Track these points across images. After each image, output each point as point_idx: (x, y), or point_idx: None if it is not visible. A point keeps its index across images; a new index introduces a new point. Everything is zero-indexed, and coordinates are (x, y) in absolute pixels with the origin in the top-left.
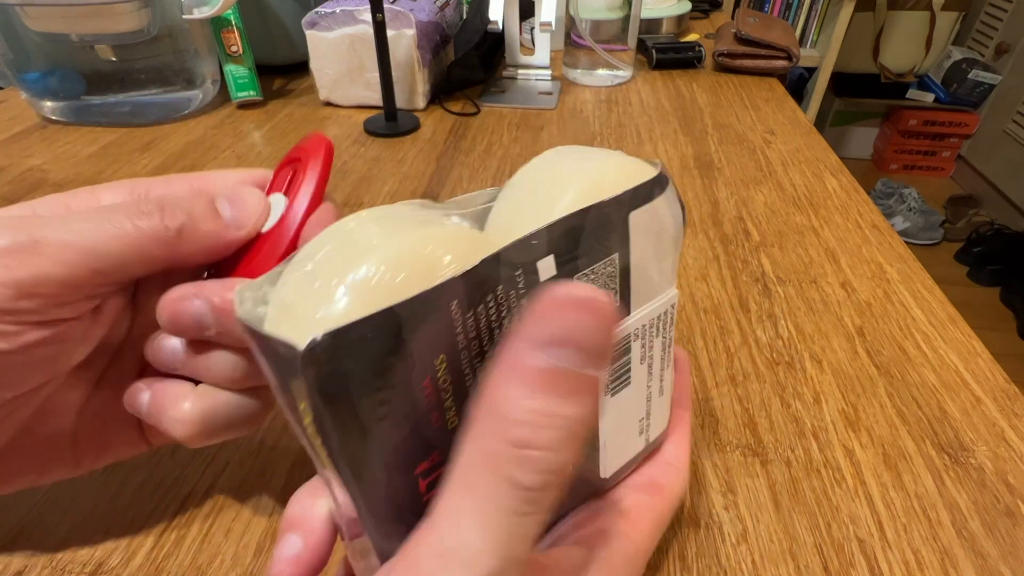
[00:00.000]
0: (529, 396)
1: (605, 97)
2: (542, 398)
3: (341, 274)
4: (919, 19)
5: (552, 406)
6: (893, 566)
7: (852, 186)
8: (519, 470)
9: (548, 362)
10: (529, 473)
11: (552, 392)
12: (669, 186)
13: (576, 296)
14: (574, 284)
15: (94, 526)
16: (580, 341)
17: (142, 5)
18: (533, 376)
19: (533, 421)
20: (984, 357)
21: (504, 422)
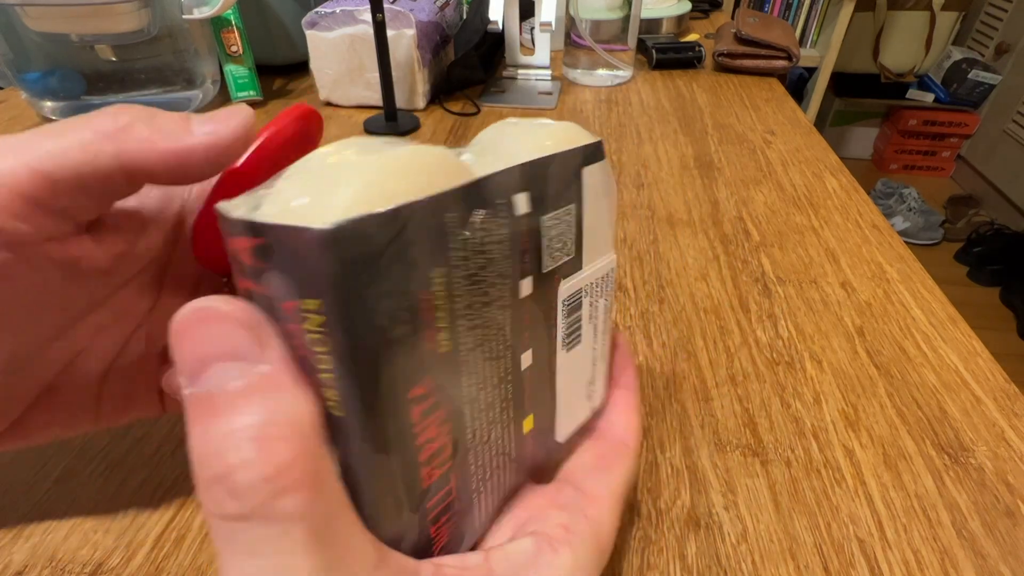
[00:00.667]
0: (207, 427)
1: (605, 97)
2: (219, 422)
3: (343, 179)
4: (919, 19)
5: (231, 423)
6: (893, 566)
7: (852, 186)
8: (225, 502)
9: (198, 391)
10: (236, 499)
11: (224, 411)
12: (606, 157)
13: (182, 318)
14: (185, 306)
15: (94, 526)
16: (217, 351)
17: (142, 5)
18: (201, 405)
19: (215, 450)
20: (984, 357)
21: (197, 465)
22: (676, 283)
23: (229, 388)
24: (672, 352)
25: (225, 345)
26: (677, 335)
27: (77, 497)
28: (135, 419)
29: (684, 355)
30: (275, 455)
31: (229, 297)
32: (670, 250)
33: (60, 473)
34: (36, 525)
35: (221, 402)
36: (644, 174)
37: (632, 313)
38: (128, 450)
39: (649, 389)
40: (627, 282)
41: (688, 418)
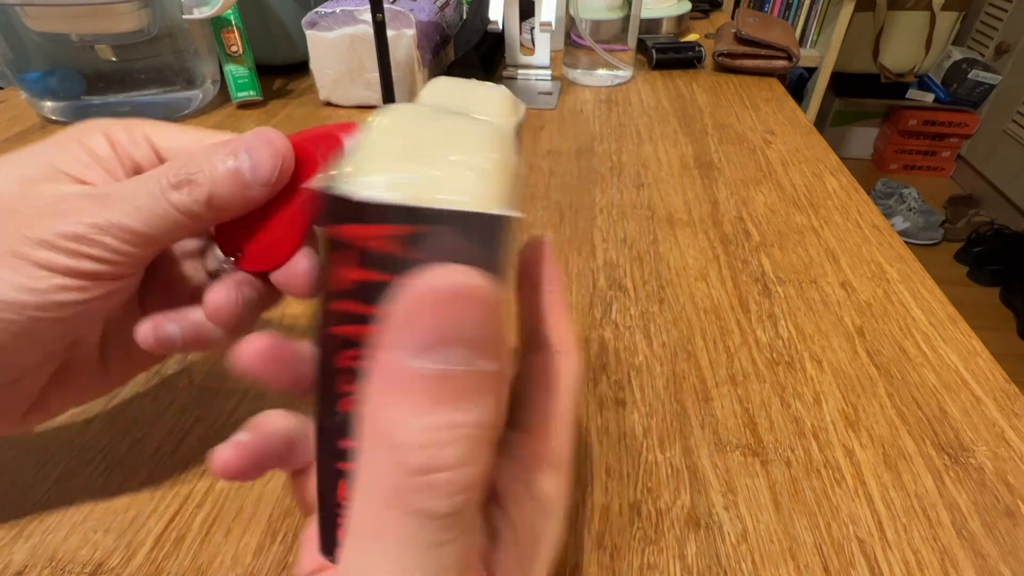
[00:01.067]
0: (419, 413)
1: (605, 97)
2: (435, 412)
3: (471, 153)
4: (919, 19)
5: (449, 417)
6: (893, 566)
7: (852, 186)
8: (427, 499)
9: (433, 368)
10: (439, 499)
11: (445, 401)
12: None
13: (446, 285)
14: (440, 271)
15: (94, 526)
16: (464, 335)
17: (142, 5)
18: (419, 388)
19: (431, 441)
20: (984, 357)
21: (397, 451)
22: (676, 283)
23: (458, 378)
24: (672, 352)
25: (475, 332)
26: (677, 335)
27: (77, 497)
28: (144, 370)
29: (684, 355)
30: (480, 463)
31: (484, 277)
32: (670, 250)
33: (60, 473)
34: (36, 525)
35: (445, 390)
36: (644, 174)
37: (632, 313)
38: (128, 450)
39: (649, 389)
40: (627, 282)
41: (688, 418)
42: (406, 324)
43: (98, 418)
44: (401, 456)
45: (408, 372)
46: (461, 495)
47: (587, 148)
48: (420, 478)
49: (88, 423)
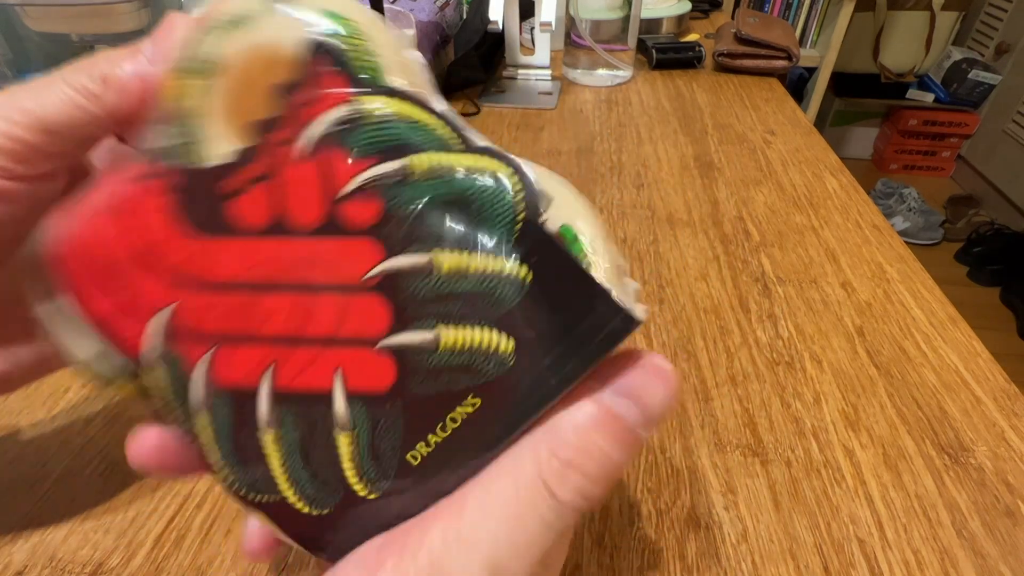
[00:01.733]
0: (590, 428)
1: (605, 97)
2: (600, 434)
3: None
4: (919, 19)
5: (605, 444)
6: (893, 566)
7: (852, 186)
8: (558, 482)
9: (619, 409)
10: (566, 488)
11: (609, 433)
12: None
13: (666, 369)
14: (658, 356)
15: (94, 526)
16: (649, 404)
17: (142, 5)
18: (605, 415)
19: (585, 448)
20: (984, 357)
21: (560, 438)
22: (676, 283)
23: (626, 426)
24: (672, 352)
25: (654, 403)
26: (677, 335)
27: (77, 497)
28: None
29: (684, 355)
30: (601, 489)
31: (666, 362)
32: (670, 250)
33: (60, 473)
34: (36, 525)
35: (614, 426)
36: (644, 174)
37: None
38: None
39: None
40: None
41: (688, 418)
42: (620, 373)
43: (98, 418)
44: (560, 443)
45: (601, 398)
46: (579, 498)
47: (587, 148)
48: (561, 465)
49: (88, 423)
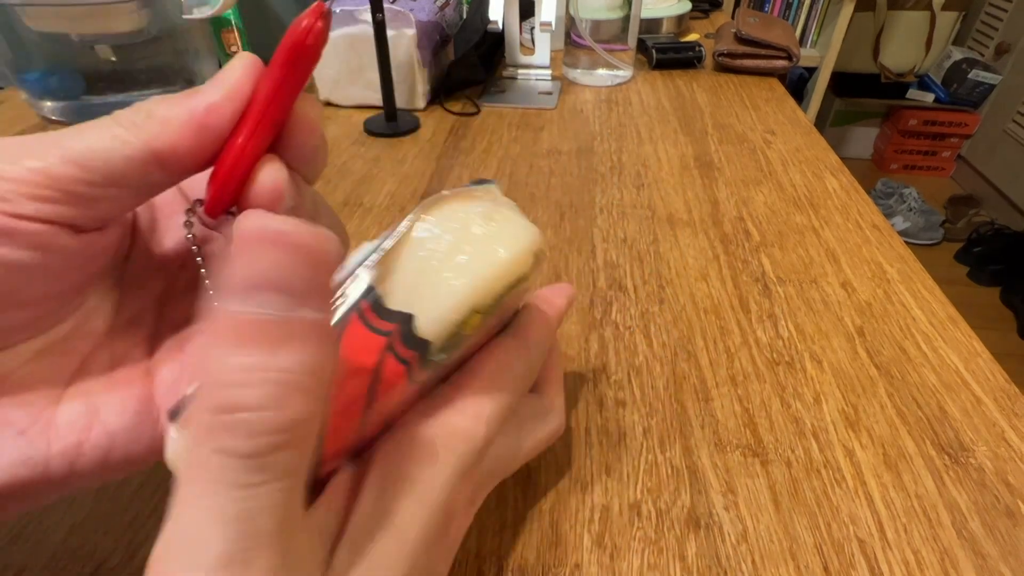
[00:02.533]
0: (234, 352)
1: (605, 97)
2: (247, 351)
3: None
4: (919, 19)
5: (261, 360)
6: (893, 566)
7: (852, 186)
8: (230, 437)
9: (249, 310)
10: (243, 439)
11: (259, 343)
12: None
13: (270, 229)
14: (268, 216)
15: (94, 526)
16: (282, 282)
17: (142, 5)
18: (236, 328)
19: (239, 380)
20: (984, 357)
21: (211, 387)
22: (676, 283)
23: (271, 323)
24: (672, 352)
25: (283, 276)
26: (677, 335)
27: (77, 497)
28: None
29: (684, 355)
30: (293, 409)
31: (303, 223)
32: (670, 250)
33: None
34: (36, 525)
35: (258, 333)
36: (644, 174)
37: (632, 313)
38: None
39: (649, 389)
40: (627, 282)
41: (688, 418)
42: (232, 264)
43: None
44: (211, 394)
45: (226, 314)
46: (267, 437)
47: (587, 148)
48: (225, 416)
49: None
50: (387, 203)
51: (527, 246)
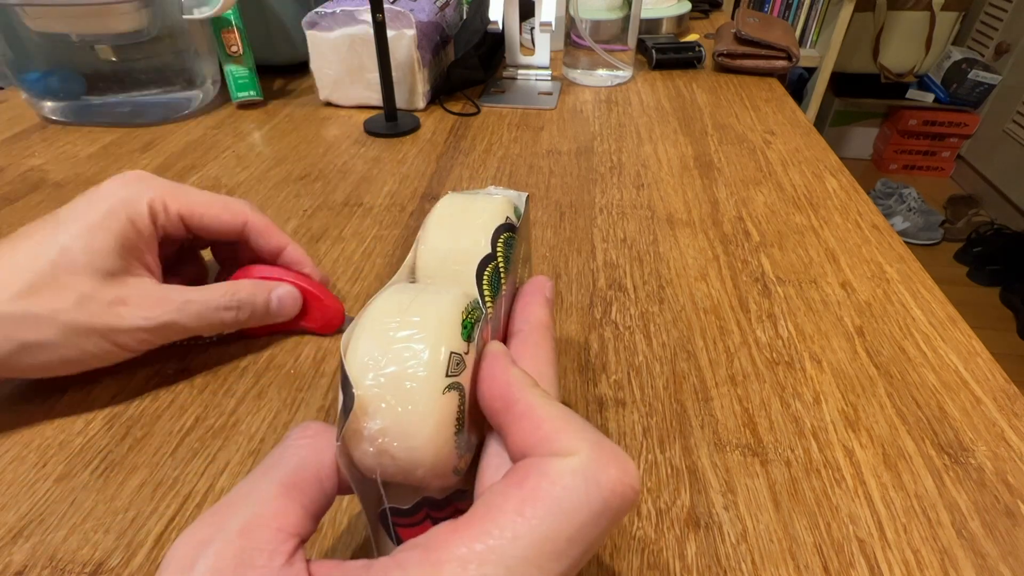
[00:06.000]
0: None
1: (605, 97)
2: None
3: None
4: (919, 19)
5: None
6: (893, 566)
7: (852, 186)
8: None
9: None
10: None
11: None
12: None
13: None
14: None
15: (94, 526)
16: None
17: (142, 5)
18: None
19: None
20: (984, 357)
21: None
22: (676, 283)
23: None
24: (672, 352)
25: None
26: (677, 335)
27: (77, 497)
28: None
29: (684, 355)
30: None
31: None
32: (670, 250)
33: (60, 473)
34: (36, 525)
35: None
36: (644, 174)
37: (632, 313)
38: (128, 450)
39: (649, 389)
40: (627, 282)
41: (688, 418)
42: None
43: (98, 418)
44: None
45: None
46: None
47: (587, 148)
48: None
49: (88, 423)
50: (387, 203)
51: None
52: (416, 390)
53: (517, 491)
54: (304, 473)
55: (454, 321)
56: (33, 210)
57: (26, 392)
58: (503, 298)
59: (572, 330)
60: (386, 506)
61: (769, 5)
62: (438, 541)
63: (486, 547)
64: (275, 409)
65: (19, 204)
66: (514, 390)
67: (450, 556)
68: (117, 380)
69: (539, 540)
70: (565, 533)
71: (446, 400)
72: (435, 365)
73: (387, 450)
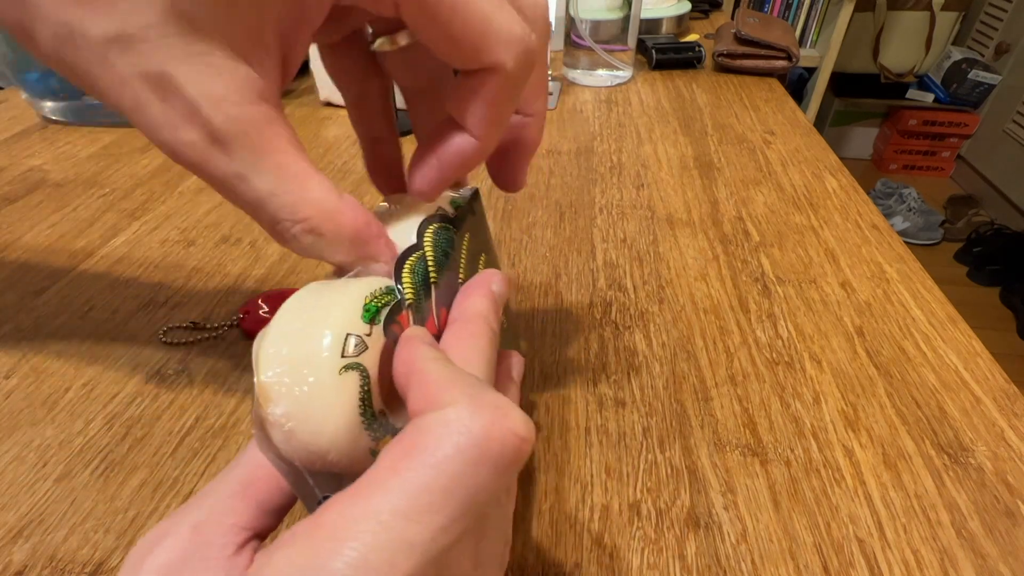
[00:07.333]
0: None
1: (605, 97)
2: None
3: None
4: (919, 19)
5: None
6: (893, 566)
7: (852, 186)
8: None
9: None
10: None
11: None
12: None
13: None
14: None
15: (94, 526)
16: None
17: None
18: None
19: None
20: (984, 357)
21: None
22: (676, 283)
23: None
24: (672, 352)
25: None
26: (677, 335)
27: (77, 497)
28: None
29: (684, 355)
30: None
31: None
32: (670, 250)
33: (60, 473)
34: (36, 525)
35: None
36: (644, 174)
37: (632, 313)
38: (128, 450)
39: (649, 389)
40: (627, 282)
41: (688, 418)
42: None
43: (98, 418)
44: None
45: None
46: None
47: (587, 148)
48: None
49: (88, 423)
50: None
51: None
52: (311, 372)
53: (394, 449)
54: (259, 471)
55: (354, 305)
56: (33, 210)
57: (26, 392)
58: (434, 288)
59: (572, 330)
60: (319, 496)
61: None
62: (325, 507)
63: (361, 505)
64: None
65: (19, 204)
66: (416, 363)
67: (328, 519)
68: (117, 380)
69: (411, 492)
70: (439, 483)
71: (345, 381)
72: (330, 347)
73: (295, 434)
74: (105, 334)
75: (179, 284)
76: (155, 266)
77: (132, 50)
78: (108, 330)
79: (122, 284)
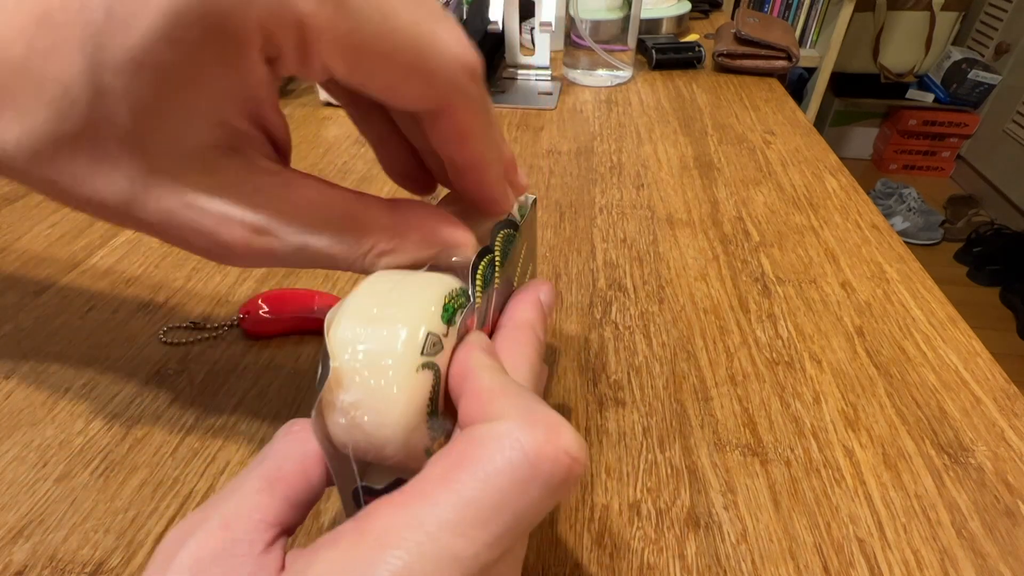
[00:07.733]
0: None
1: (605, 97)
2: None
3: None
4: (919, 19)
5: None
6: (893, 566)
7: (852, 186)
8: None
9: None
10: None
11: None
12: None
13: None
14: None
15: (94, 526)
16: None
17: None
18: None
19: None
20: (984, 357)
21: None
22: (676, 283)
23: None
24: (672, 352)
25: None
26: (677, 335)
27: (77, 497)
28: None
29: (684, 355)
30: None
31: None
32: (670, 250)
33: (60, 473)
34: (36, 525)
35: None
36: (644, 174)
37: (632, 313)
38: (128, 450)
39: (649, 389)
40: (627, 282)
41: (688, 418)
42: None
43: (98, 418)
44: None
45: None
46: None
47: (587, 148)
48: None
49: (88, 423)
50: None
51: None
52: (390, 366)
53: (444, 459)
54: (288, 465)
55: (436, 303)
56: (33, 210)
57: (26, 392)
58: (495, 291)
59: (572, 330)
60: (359, 484)
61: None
62: (370, 512)
63: (409, 514)
64: (275, 409)
65: (19, 204)
66: (471, 370)
67: (375, 525)
68: (117, 380)
69: (460, 505)
70: (489, 498)
71: (419, 378)
72: (410, 342)
73: (359, 424)
74: (105, 334)
75: (179, 284)
76: (155, 266)
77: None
78: (108, 330)
79: (122, 284)
